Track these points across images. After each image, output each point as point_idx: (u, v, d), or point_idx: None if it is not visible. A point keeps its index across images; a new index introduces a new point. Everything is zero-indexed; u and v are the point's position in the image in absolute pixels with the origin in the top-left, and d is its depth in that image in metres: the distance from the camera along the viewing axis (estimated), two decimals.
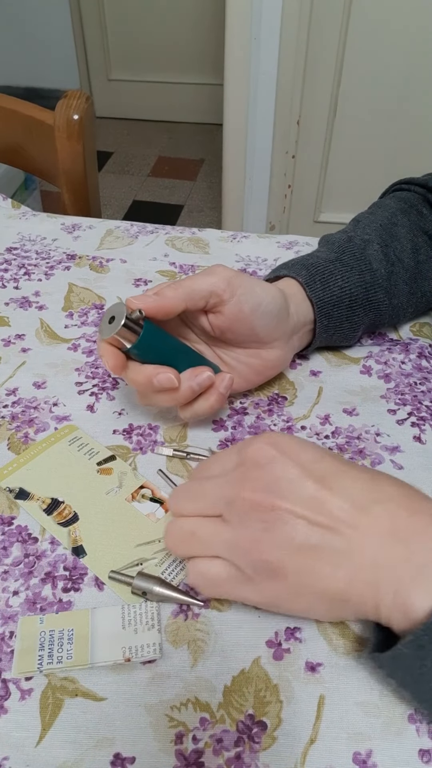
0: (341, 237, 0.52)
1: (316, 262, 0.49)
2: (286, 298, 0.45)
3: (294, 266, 0.49)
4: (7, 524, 0.40)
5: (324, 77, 1.66)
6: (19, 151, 0.90)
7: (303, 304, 0.48)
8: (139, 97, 2.81)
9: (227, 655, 0.34)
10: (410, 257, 0.51)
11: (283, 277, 0.49)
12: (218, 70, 1.74)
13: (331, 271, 0.48)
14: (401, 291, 0.51)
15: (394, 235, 0.52)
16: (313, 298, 0.47)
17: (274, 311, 0.44)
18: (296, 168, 1.84)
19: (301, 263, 0.49)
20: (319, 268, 0.48)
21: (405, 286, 0.51)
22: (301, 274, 0.48)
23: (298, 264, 0.49)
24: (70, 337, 0.55)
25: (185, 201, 2.36)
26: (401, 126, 1.70)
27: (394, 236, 0.52)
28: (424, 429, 0.47)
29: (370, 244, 0.50)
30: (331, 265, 0.49)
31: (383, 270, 0.50)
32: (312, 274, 0.48)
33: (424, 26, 1.53)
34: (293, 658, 0.34)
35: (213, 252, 0.66)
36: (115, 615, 0.35)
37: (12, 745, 0.30)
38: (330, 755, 0.30)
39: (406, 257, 0.51)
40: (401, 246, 0.51)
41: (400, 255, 0.51)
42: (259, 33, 1.58)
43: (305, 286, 0.47)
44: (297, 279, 0.48)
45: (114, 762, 0.30)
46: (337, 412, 0.48)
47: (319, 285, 0.48)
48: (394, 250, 0.51)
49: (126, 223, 0.70)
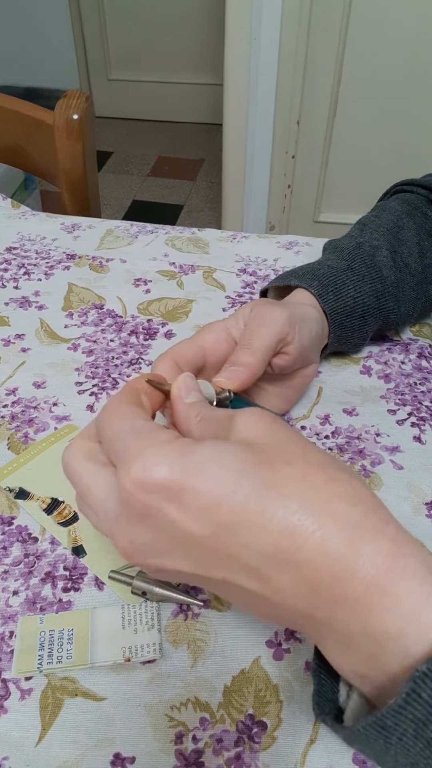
0: (349, 243, 0.51)
1: (327, 272, 0.48)
2: (319, 314, 0.45)
3: (304, 276, 0.48)
4: (7, 524, 0.40)
5: (324, 77, 1.66)
6: (19, 151, 0.90)
7: (319, 314, 0.47)
8: (139, 97, 2.81)
9: (227, 655, 0.34)
10: (417, 262, 0.51)
11: (295, 287, 0.48)
12: (218, 70, 1.74)
13: (343, 281, 0.47)
14: (408, 297, 0.51)
15: (401, 239, 0.51)
16: (326, 310, 0.46)
17: (319, 333, 0.44)
18: (296, 168, 1.84)
19: (311, 273, 0.48)
20: (331, 278, 0.47)
21: (412, 293, 0.51)
22: (313, 284, 0.47)
23: (308, 273, 0.48)
24: (70, 337, 0.55)
25: (185, 201, 2.36)
26: (401, 126, 1.70)
27: (402, 240, 0.51)
28: (424, 429, 0.47)
29: (379, 251, 0.49)
30: (343, 274, 0.48)
31: (393, 277, 0.49)
32: (324, 284, 0.47)
33: (424, 26, 1.53)
34: (293, 658, 0.34)
35: (213, 252, 0.66)
36: (115, 615, 0.35)
37: (12, 745, 0.30)
38: (330, 755, 0.30)
39: (413, 262, 0.51)
40: (408, 250, 0.51)
41: (407, 260, 0.50)
42: (259, 33, 1.58)
43: (318, 298, 0.46)
44: (309, 290, 0.47)
45: (114, 762, 0.30)
46: (337, 412, 0.48)
47: (331, 296, 0.47)
48: (402, 255, 0.50)
49: (126, 223, 0.70)
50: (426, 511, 0.41)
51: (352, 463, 0.44)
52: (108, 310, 0.58)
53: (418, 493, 0.42)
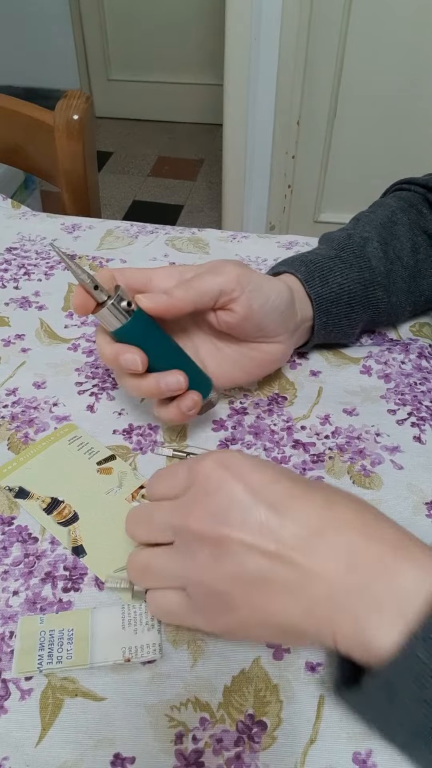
0: (341, 235, 0.52)
1: (315, 258, 0.49)
2: (293, 294, 0.45)
3: (293, 263, 0.49)
4: (7, 524, 0.40)
5: (324, 77, 1.66)
6: (19, 151, 0.90)
7: (303, 300, 0.47)
8: (139, 97, 2.81)
9: (227, 655, 0.34)
10: (409, 255, 0.52)
11: (282, 273, 0.49)
12: (218, 70, 1.73)
13: (330, 268, 0.48)
14: (400, 289, 0.51)
15: (393, 233, 0.52)
16: (312, 294, 0.47)
17: (281, 307, 0.44)
18: (296, 168, 1.84)
19: (300, 260, 0.49)
20: (318, 264, 0.48)
21: (404, 284, 0.51)
22: (300, 270, 0.48)
23: (297, 260, 0.49)
24: (70, 337, 0.55)
25: (185, 201, 2.36)
26: (401, 126, 1.70)
27: (394, 234, 0.52)
28: (424, 429, 0.47)
29: (369, 242, 0.50)
30: (330, 261, 0.49)
31: (382, 267, 0.50)
32: (311, 270, 0.48)
33: (424, 26, 1.53)
34: (293, 658, 0.34)
35: (213, 252, 0.66)
36: (115, 615, 0.35)
37: (12, 745, 0.30)
38: (330, 755, 0.30)
39: (405, 255, 0.51)
40: (401, 244, 0.51)
41: (399, 253, 0.51)
42: (259, 33, 1.58)
43: (304, 283, 0.47)
44: (296, 275, 0.48)
45: (114, 762, 0.30)
46: (337, 412, 0.48)
47: (317, 281, 0.48)
48: (394, 248, 0.51)
49: (126, 223, 0.70)
50: (426, 511, 0.41)
51: (352, 463, 0.44)
52: None
53: (418, 493, 0.42)
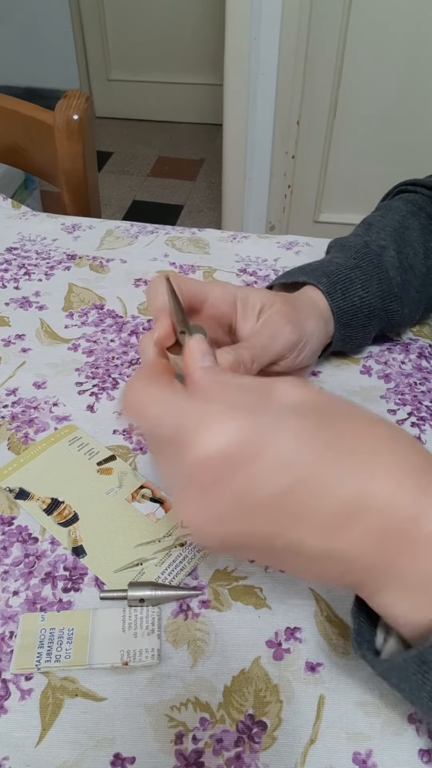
0: (357, 242, 0.50)
1: (336, 269, 0.48)
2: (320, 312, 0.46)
3: (313, 273, 0.48)
4: (7, 524, 0.40)
5: (324, 77, 1.65)
6: (19, 151, 0.90)
7: (325, 311, 0.47)
8: (139, 97, 2.81)
9: (227, 655, 0.34)
10: (422, 263, 0.51)
11: (303, 284, 0.48)
12: (218, 70, 1.73)
13: (351, 280, 0.47)
14: (412, 299, 0.50)
15: (406, 239, 0.51)
16: (333, 309, 0.46)
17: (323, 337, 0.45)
18: (296, 168, 1.83)
19: (320, 270, 0.48)
20: (340, 276, 0.47)
21: (416, 294, 0.51)
22: (322, 281, 0.47)
23: (317, 270, 0.48)
24: (70, 337, 0.55)
25: (185, 201, 2.36)
26: (401, 126, 1.70)
27: (407, 241, 0.51)
28: (424, 429, 0.47)
29: (386, 250, 0.49)
30: (351, 272, 0.48)
31: (399, 278, 0.49)
32: (333, 282, 0.47)
33: (424, 26, 1.53)
34: (293, 658, 0.34)
35: (213, 252, 0.66)
36: (115, 617, 0.35)
37: (12, 745, 0.30)
38: (330, 755, 0.30)
39: (418, 263, 0.50)
40: (414, 251, 0.51)
41: (412, 261, 0.50)
42: (259, 33, 1.58)
43: (327, 295, 0.46)
44: (318, 287, 0.47)
45: (114, 762, 0.30)
46: None
47: (339, 294, 0.47)
48: (407, 256, 0.50)
49: (126, 223, 0.70)
50: None
51: None
52: (108, 311, 0.58)
53: None
